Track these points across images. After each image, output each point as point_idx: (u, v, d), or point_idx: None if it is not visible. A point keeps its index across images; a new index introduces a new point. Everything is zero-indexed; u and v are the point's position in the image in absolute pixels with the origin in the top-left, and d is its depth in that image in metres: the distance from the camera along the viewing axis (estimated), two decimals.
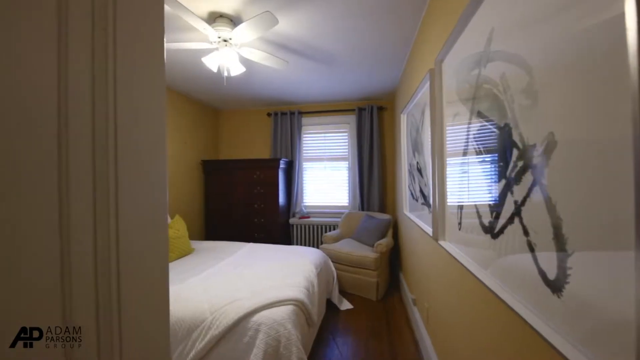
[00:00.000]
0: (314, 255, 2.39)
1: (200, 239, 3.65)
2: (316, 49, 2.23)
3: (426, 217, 1.67)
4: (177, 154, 3.28)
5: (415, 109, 1.96)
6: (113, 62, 0.40)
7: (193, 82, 2.98)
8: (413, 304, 2.10)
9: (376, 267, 2.59)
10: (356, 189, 3.68)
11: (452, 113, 1.21)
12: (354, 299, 2.62)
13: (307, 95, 3.45)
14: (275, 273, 1.91)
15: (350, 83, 3.04)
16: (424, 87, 1.62)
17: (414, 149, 2.05)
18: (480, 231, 0.91)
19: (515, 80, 0.70)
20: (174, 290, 1.63)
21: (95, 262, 0.38)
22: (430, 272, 1.64)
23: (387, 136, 3.72)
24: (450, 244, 1.25)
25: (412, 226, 2.17)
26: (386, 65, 2.52)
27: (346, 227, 3.37)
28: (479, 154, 0.93)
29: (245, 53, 1.98)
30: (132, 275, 0.43)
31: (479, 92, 0.91)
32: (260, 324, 1.36)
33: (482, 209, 0.91)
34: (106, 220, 0.39)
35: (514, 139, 0.71)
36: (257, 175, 3.51)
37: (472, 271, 0.93)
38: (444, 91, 1.32)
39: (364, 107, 3.61)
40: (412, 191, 2.14)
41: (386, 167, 3.72)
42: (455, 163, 1.18)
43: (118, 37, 0.41)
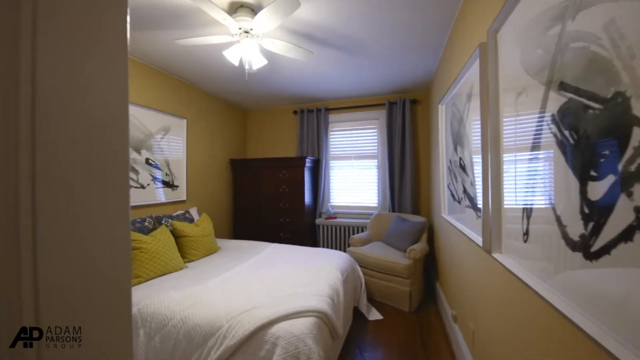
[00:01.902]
0: (339, 259, 2.21)
1: (229, 237, 3.67)
2: (342, 37, 2.05)
3: (473, 222, 1.40)
4: (206, 154, 3.32)
5: (458, 97, 1.69)
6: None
7: (220, 82, 2.97)
8: (453, 320, 1.83)
9: (409, 274, 2.34)
10: (386, 189, 3.43)
11: (513, 93, 0.96)
12: (383, 308, 2.40)
13: (334, 90, 3.28)
14: (297, 278, 1.77)
15: (380, 75, 2.81)
16: (471, 67, 1.36)
17: (455, 143, 1.78)
18: (563, 246, 0.67)
19: (637, 25, 0.46)
20: (194, 292, 1.58)
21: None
22: (477, 289, 1.38)
23: (421, 131, 3.40)
24: (510, 259, 1.00)
25: (453, 232, 1.89)
26: (421, 50, 2.25)
27: (375, 229, 3.14)
28: (562, 139, 0.69)
29: (267, 45, 1.87)
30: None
31: (563, 56, 0.67)
32: (278, 337, 1.23)
33: (565, 216, 0.67)
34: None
35: (634, 113, 0.48)
36: (283, 174, 3.43)
37: (551, 302, 0.69)
38: (500, 68, 1.07)
39: (395, 100, 3.35)
40: (453, 191, 1.87)
41: (419, 165, 3.41)
42: (521, 155, 0.93)
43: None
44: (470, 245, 1.45)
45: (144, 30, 1.97)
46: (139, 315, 1.44)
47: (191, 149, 3.07)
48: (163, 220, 2.31)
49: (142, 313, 1.44)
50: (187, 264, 2.16)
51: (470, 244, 1.43)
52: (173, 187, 2.79)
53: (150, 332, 1.40)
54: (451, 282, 1.99)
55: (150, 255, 1.85)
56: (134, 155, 2.38)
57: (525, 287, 0.84)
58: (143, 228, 2.09)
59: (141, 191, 2.43)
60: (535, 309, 0.81)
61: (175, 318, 1.39)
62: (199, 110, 3.20)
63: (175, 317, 1.40)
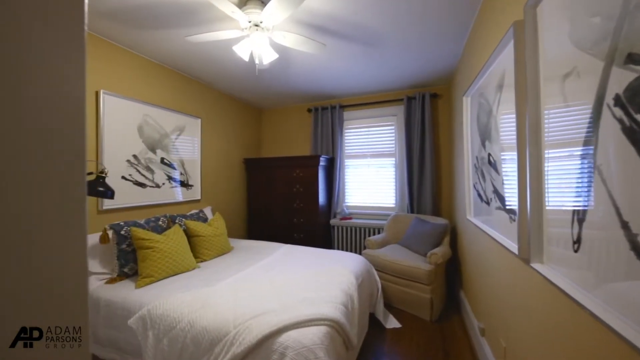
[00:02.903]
0: (354, 262, 2.10)
1: (243, 237, 3.67)
2: (356, 27, 1.93)
3: (505, 226, 1.25)
4: (220, 153, 3.33)
5: (486, 86, 1.53)
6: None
7: (234, 81, 2.95)
8: (481, 334, 1.66)
9: (430, 281, 2.18)
10: (404, 189, 3.26)
11: (558, 75, 0.81)
12: (402, 315, 2.26)
13: (349, 86, 3.17)
14: (309, 283, 1.69)
15: (398, 68, 2.66)
16: (503, 51, 1.20)
17: (483, 138, 1.62)
18: (634, 260, 0.53)
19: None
20: (203, 294, 1.54)
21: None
22: (510, 302, 1.22)
23: (442, 127, 3.20)
24: (555, 271, 0.85)
25: (480, 236, 1.72)
26: (444, 37, 2.09)
27: (393, 231, 2.99)
28: (631, 125, 0.55)
29: (278, 38, 1.81)
30: None
31: (632, 20, 0.53)
32: (287, 347, 1.14)
33: (636, 223, 0.53)
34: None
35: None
36: (297, 173, 3.36)
37: (618, 330, 0.55)
38: (541, 47, 0.92)
39: (413, 95, 3.17)
40: (480, 191, 1.70)
41: (440, 163, 3.21)
42: (568, 149, 0.78)
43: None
44: (502, 252, 1.29)
45: (155, 30, 1.97)
46: (149, 316, 1.42)
47: (205, 148, 3.08)
48: (177, 219, 2.32)
49: (152, 314, 1.42)
50: (199, 263, 2.14)
51: (502, 250, 1.28)
52: (187, 187, 2.81)
53: (159, 334, 1.37)
54: (478, 292, 1.82)
55: (162, 255, 1.85)
56: (150, 155, 2.40)
57: (578, 307, 0.70)
58: (157, 227, 2.09)
59: (156, 190, 2.46)
60: (592, 337, 0.66)
61: (183, 321, 1.35)
62: (213, 109, 3.21)
63: (183, 319, 1.36)
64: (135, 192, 2.27)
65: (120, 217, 2.15)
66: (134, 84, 2.29)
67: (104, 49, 2.07)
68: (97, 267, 1.81)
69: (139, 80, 2.34)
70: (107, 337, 1.54)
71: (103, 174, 1.61)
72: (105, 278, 1.81)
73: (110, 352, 1.53)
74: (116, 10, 1.74)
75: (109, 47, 2.09)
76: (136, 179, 2.28)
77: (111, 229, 1.86)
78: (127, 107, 2.21)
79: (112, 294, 1.62)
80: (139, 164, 2.30)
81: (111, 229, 1.86)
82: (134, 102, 2.26)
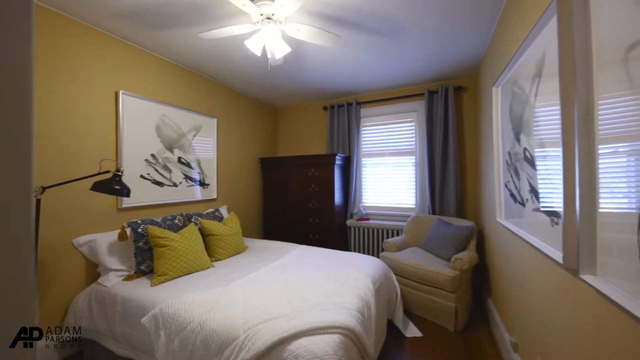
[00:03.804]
0: (371, 266, 1.99)
1: (259, 236, 3.66)
2: (374, 16, 1.82)
3: (544, 230, 1.09)
4: (236, 152, 3.34)
5: (521, 75, 1.36)
6: None
7: (249, 80, 2.94)
8: (513, 349, 1.50)
9: (454, 288, 2.02)
10: (425, 189, 3.09)
11: (617, 54, 0.67)
12: (423, 324, 2.11)
13: (365, 81, 3.05)
14: (323, 287, 1.61)
15: (419, 60, 2.50)
16: (542, 30, 1.05)
17: (516, 132, 1.45)
18: None
19: None
20: (214, 295, 1.51)
21: None
22: (550, 317, 1.06)
23: (467, 122, 2.99)
24: (613, 285, 0.70)
25: (513, 241, 1.55)
26: (471, 21, 1.91)
27: (413, 233, 2.83)
28: None
29: (291, 31, 1.74)
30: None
31: None
32: (298, 356, 1.07)
33: None
34: None
35: None
36: (312, 172, 3.30)
37: None
38: (593, 17, 0.77)
39: (435, 89, 2.99)
40: (513, 191, 1.53)
41: (465, 161, 3.00)
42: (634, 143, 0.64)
43: None
44: (541, 260, 1.14)
45: (169, 29, 1.98)
46: (161, 315, 1.41)
47: (221, 147, 3.09)
48: (193, 218, 2.33)
49: (164, 313, 1.41)
50: (213, 262, 2.14)
51: (542, 258, 1.12)
52: (204, 186, 2.83)
53: (170, 334, 1.35)
54: (510, 302, 1.64)
55: (177, 254, 1.85)
56: (167, 154, 2.44)
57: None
58: (173, 226, 2.11)
59: (174, 189, 2.49)
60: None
61: (194, 322, 1.33)
62: (228, 108, 3.22)
63: (193, 320, 1.33)
64: (153, 191, 2.31)
65: (138, 215, 2.20)
66: (150, 84, 2.33)
67: (121, 50, 2.10)
68: (115, 264, 1.85)
69: (156, 80, 2.38)
70: (122, 334, 1.55)
71: (119, 173, 1.63)
72: (123, 275, 1.84)
73: (126, 349, 1.54)
74: (130, 10, 1.76)
75: (125, 48, 2.13)
76: (154, 177, 2.32)
77: (129, 227, 1.89)
78: (145, 107, 2.25)
79: (129, 291, 1.64)
80: (157, 163, 2.34)
81: (129, 227, 1.89)
82: (152, 102, 2.30)
